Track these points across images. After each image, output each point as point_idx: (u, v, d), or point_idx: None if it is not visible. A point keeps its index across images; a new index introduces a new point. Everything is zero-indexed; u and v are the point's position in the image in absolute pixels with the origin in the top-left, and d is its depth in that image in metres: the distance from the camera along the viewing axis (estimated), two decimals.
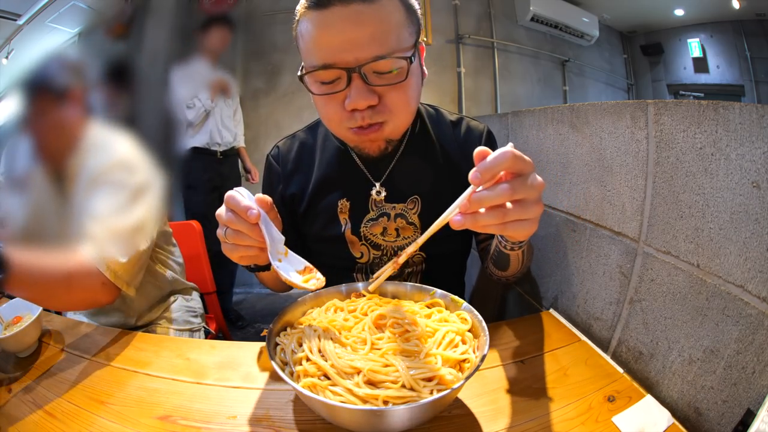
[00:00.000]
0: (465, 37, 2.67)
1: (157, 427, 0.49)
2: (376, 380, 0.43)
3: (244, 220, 0.48)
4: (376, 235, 0.73)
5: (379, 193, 0.72)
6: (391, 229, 0.73)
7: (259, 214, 0.48)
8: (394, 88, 0.58)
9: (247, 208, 0.47)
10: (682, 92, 3.23)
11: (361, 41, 0.54)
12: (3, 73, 1.03)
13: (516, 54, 2.87)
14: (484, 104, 2.77)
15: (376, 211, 0.73)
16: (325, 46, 0.55)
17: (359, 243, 0.74)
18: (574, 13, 2.94)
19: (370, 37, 0.54)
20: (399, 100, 0.59)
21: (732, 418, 0.45)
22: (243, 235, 0.49)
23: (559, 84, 3.02)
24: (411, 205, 0.73)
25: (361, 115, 0.58)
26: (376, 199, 0.73)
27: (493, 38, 2.76)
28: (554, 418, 0.49)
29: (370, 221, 0.73)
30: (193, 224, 1.21)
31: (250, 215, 0.47)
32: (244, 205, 0.48)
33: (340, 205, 0.73)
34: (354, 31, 0.53)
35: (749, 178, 0.44)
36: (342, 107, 0.59)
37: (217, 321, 1.24)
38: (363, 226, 0.73)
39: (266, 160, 0.80)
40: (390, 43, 0.55)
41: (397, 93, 0.59)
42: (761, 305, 0.43)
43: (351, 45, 0.54)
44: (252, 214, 0.47)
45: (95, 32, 1.02)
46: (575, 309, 0.74)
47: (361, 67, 0.54)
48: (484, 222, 0.42)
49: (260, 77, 2.59)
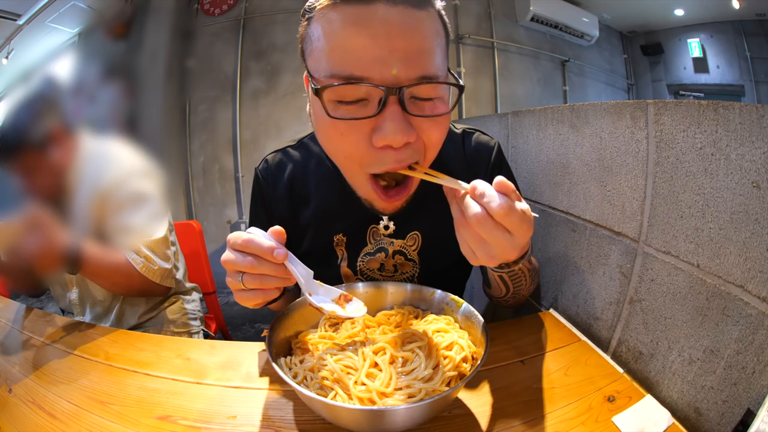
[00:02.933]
0: (465, 37, 2.68)
1: (157, 427, 0.49)
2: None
3: (268, 263, 0.42)
4: (372, 270, 0.68)
5: (386, 228, 0.64)
6: (389, 265, 0.68)
7: (286, 254, 0.43)
8: (434, 123, 0.46)
9: (272, 249, 0.41)
10: (682, 92, 3.23)
11: (409, 54, 0.42)
12: (3, 73, 1.03)
13: (516, 54, 2.88)
14: (484, 104, 2.77)
15: (373, 245, 0.67)
16: (355, 54, 0.42)
17: (354, 278, 0.69)
18: (574, 13, 2.94)
19: (419, 51, 0.42)
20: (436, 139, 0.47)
21: (732, 418, 0.45)
22: (268, 278, 0.43)
23: (559, 84, 3.02)
24: (411, 241, 0.67)
25: (394, 156, 0.45)
26: (380, 231, 0.65)
27: (493, 38, 2.76)
28: (554, 418, 0.49)
29: (367, 255, 0.67)
30: (193, 224, 1.21)
31: (277, 255, 0.41)
32: (267, 246, 0.41)
33: (337, 240, 0.67)
34: (401, 39, 0.41)
35: (749, 178, 0.44)
36: (368, 141, 0.45)
37: (217, 321, 1.24)
38: (360, 260, 0.67)
39: (254, 174, 0.71)
40: (437, 62, 0.44)
41: (436, 129, 0.46)
42: (761, 305, 0.43)
43: (395, 57, 0.41)
44: (279, 254, 0.41)
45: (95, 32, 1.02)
46: (575, 309, 0.74)
47: (403, 89, 0.42)
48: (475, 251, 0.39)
49: (260, 77, 2.59)
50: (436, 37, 0.45)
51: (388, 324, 0.56)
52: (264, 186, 0.69)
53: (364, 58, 0.42)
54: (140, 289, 0.84)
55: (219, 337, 1.22)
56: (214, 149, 2.63)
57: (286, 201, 0.68)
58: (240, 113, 2.59)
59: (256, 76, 2.59)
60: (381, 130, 0.43)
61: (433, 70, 0.43)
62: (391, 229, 0.64)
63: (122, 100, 0.86)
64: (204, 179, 2.64)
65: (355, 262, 0.68)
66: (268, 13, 2.57)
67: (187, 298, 1.06)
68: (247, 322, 2.20)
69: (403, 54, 0.41)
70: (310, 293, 0.46)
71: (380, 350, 0.50)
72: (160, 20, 1.27)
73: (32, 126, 0.70)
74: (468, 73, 2.70)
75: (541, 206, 0.85)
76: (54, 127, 0.72)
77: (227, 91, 2.59)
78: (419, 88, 0.44)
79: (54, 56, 0.92)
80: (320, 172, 0.67)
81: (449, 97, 0.50)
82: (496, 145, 0.69)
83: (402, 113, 0.43)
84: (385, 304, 0.62)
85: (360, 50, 0.42)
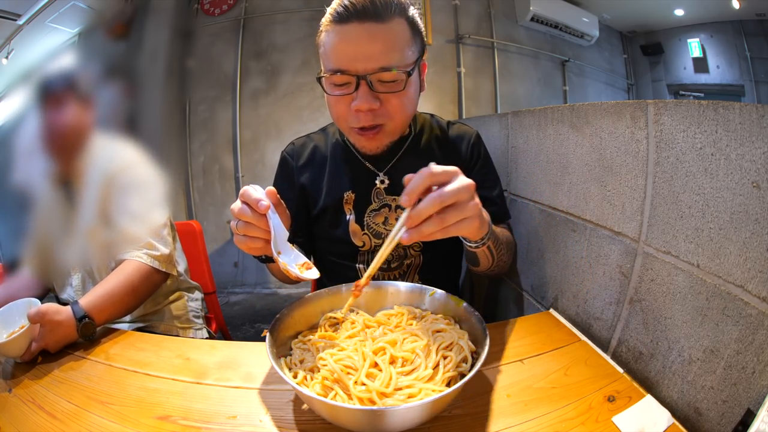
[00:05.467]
0: (465, 37, 2.68)
1: (157, 427, 0.49)
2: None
3: (253, 212, 0.51)
4: (378, 224, 0.81)
5: (383, 182, 0.80)
6: (392, 219, 0.81)
7: (268, 206, 0.51)
8: (394, 96, 0.67)
9: (257, 200, 0.50)
10: (682, 92, 3.23)
11: (371, 54, 0.63)
12: (3, 73, 1.03)
13: (516, 54, 2.88)
14: (484, 104, 2.77)
15: (378, 203, 0.81)
16: (341, 55, 0.64)
17: (361, 233, 0.81)
18: (574, 13, 2.94)
19: (379, 52, 0.63)
20: (397, 107, 0.68)
21: (732, 418, 0.45)
22: (252, 226, 0.52)
23: (559, 84, 3.02)
24: None
25: (364, 116, 0.67)
26: (380, 188, 0.80)
27: (493, 38, 2.76)
28: (554, 418, 0.49)
29: (372, 212, 0.81)
30: (193, 224, 1.21)
31: (260, 206, 0.50)
32: (254, 197, 0.51)
33: (346, 197, 0.81)
34: (365, 45, 0.63)
35: (749, 178, 0.44)
36: (349, 107, 0.67)
37: (217, 321, 1.23)
38: (366, 216, 0.81)
39: (281, 156, 0.88)
40: (394, 58, 0.64)
41: (396, 100, 0.68)
42: (761, 305, 0.43)
43: (362, 56, 0.63)
44: (262, 205, 0.50)
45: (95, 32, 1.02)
46: (575, 309, 0.74)
47: (367, 76, 0.64)
48: (428, 231, 0.47)
49: (260, 77, 2.60)
50: (397, 39, 0.64)
51: (388, 324, 0.57)
52: (289, 161, 0.86)
53: (344, 58, 0.64)
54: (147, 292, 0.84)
55: (219, 337, 1.22)
56: (214, 149, 2.63)
57: (308, 169, 0.85)
58: (240, 113, 2.59)
59: (256, 76, 2.59)
60: (355, 101, 0.66)
61: (390, 63, 0.64)
62: (387, 183, 0.80)
63: (122, 100, 0.87)
64: (204, 179, 2.64)
65: (362, 218, 0.81)
66: (268, 13, 2.57)
67: (191, 296, 1.06)
68: (247, 322, 2.21)
69: (367, 54, 0.63)
70: (279, 252, 0.54)
71: (380, 350, 0.50)
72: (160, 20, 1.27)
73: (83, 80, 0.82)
74: (468, 73, 2.70)
75: (541, 206, 0.85)
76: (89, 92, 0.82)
77: (227, 91, 2.59)
78: (379, 75, 0.64)
79: (54, 56, 0.92)
80: (334, 144, 0.86)
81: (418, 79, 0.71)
82: (474, 133, 0.87)
83: (369, 90, 0.65)
84: (385, 304, 0.63)
85: (341, 54, 0.64)
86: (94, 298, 0.71)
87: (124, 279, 0.78)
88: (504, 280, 1.03)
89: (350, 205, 0.81)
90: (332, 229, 0.82)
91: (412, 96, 0.70)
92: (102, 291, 0.74)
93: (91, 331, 0.68)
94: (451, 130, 0.86)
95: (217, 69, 2.58)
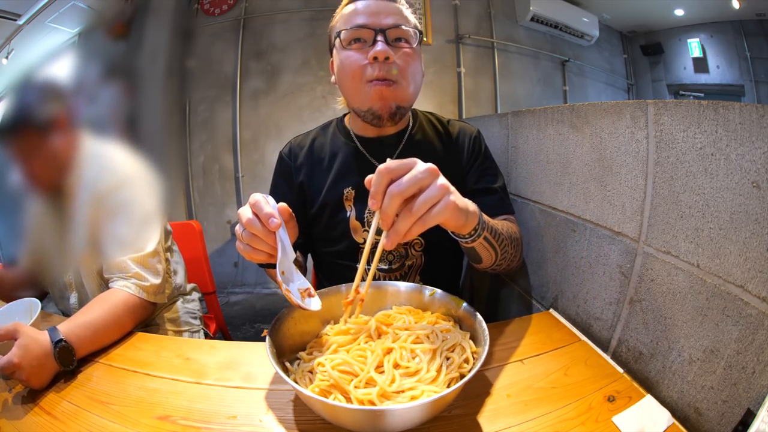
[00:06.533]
0: (465, 37, 2.67)
1: (157, 427, 0.49)
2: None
3: (263, 227, 0.49)
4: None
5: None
6: None
7: (279, 224, 0.49)
8: (406, 53, 0.74)
9: (269, 216, 0.48)
10: (682, 92, 3.23)
11: (389, 12, 0.74)
12: (3, 73, 1.03)
13: (516, 54, 2.87)
14: (484, 104, 2.77)
15: None
16: (363, 12, 0.73)
17: (362, 229, 0.80)
18: (574, 13, 2.93)
19: (395, 12, 0.74)
20: (408, 64, 0.74)
21: (732, 418, 0.45)
22: (259, 239, 0.50)
23: (559, 84, 3.02)
24: None
25: (380, 66, 0.71)
26: None
27: (493, 38, 2.76)
28: (554, 418, 0.49)
29: None
30: (193, 224, 1.21)
31: (271, 223, 0.48)
32: (267, 212, 0.48)
33: (346, 193, 0.81)
34: (384, 7, 0.74)
35: (749, 178, 0.44)
36: (365, 59, 0.72)
37: (217, 321, 1.24)
38: (367, 212, 0.80)
39: (278, 156, 0.88)
40: (407, 20, 0.75)
41: (408, 57, 0.74)
42: (761, 305, 0.43)
43: (382, 13, 0.73)
44: (273, 222, 0.48)
45: (95, 32, 1.02)
46: (575, 309, 0.74)
47: (385, 30, 0.72)
48: (403, 228, 0.44)
49: (260, 77, 2.59)
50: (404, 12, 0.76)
51: (388, 324, 0.56)
52: (287, 160, 0.87)
53: (366, 13, 0.73)
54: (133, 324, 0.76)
55: (219, 337, 1.22)
56: (214, 149, 2.63)
57: (306, 166, 0.85)
58: (240, 113, 2.58)
59: (256, 76, 2.59)
60: (373, 49, 0.71)
61: (402, 22, 0.74)
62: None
63: (122, 100, 0.87)
64: (204, 179, 2.64)
65: (362, 214, 0.80)
66: (268, 13, 2.57)
67: (187, 298, 1.06)
68: (247, 322, 2.20)
69: (386, 12, 0.73)
70: (283, 272, 0.52)
71: (388, 351, 0.50)
72: (160, 20, 1.27)
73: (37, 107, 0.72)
74: (468, 73, 2.70)
75: (541, 206, 0.85)
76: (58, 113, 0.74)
77: (227, 91, 2.59)
78: (396, 31, 0.73)
79: (54, 56, 0.92)
80: (336, 138, 0.86)
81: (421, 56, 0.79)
82: (476, 131, 0.88)
83: (385, 42, 0.71)
84: (385, 305, 0.63)
85: (363, 11, 0.74)
86: (74, 326, 0.64)
87: (108, 310, 0.71)
88: (504, 280, 1.03)
89: (351, 201, 0.80)
90: (332, 226, 0.82)
91: (419, 65, 0.77)
92: (83, 320, 0.66)
93: (70, 359, 0.61)
94: (452, 127, 0.87)
95: (217, 69, 2.57)
